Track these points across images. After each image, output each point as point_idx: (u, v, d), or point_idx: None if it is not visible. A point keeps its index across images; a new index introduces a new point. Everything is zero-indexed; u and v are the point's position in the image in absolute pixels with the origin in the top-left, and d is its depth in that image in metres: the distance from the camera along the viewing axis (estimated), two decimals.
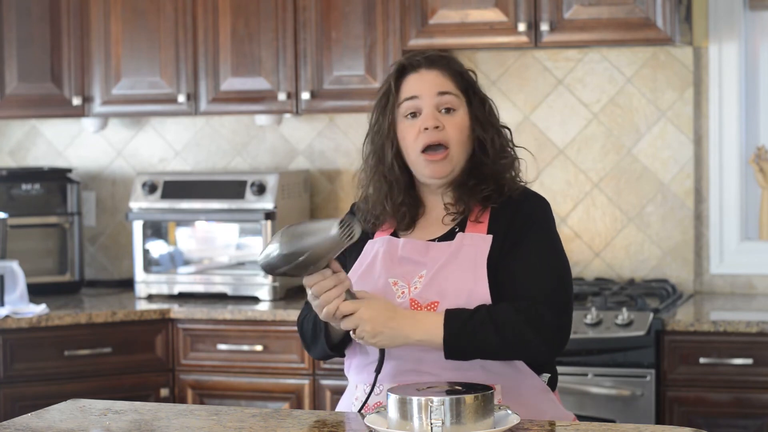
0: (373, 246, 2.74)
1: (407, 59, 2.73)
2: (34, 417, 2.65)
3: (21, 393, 4.34)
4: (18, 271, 4.53)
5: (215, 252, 4.78)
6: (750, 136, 4.63)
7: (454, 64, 2.73)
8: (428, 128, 2.65)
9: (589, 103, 4.69)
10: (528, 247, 2.63)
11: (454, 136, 2.66)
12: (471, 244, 2.64)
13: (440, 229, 2.71)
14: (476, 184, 2.68)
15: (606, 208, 4.67)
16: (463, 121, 2.68)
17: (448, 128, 2.66)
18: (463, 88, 2.71)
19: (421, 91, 2.68)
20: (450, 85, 2.69)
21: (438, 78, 2.69)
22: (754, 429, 3.96)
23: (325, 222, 2.51)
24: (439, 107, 2.67)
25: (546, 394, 2.68)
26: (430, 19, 4.44)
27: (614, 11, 4.26)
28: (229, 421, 2.57)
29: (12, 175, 4.94)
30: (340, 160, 4.96)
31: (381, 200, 2.72)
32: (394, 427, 2.36)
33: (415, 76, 2.70)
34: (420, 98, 2.68)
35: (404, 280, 2.65)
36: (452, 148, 2.66)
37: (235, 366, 4.44)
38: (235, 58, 4.67)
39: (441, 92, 2.67)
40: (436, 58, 2.71)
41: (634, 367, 4.01)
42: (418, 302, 2.62)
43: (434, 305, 2.60)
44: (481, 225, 2.67)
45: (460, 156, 2.68)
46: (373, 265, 2.70)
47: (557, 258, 2.66)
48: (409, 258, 2.67)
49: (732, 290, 4.60)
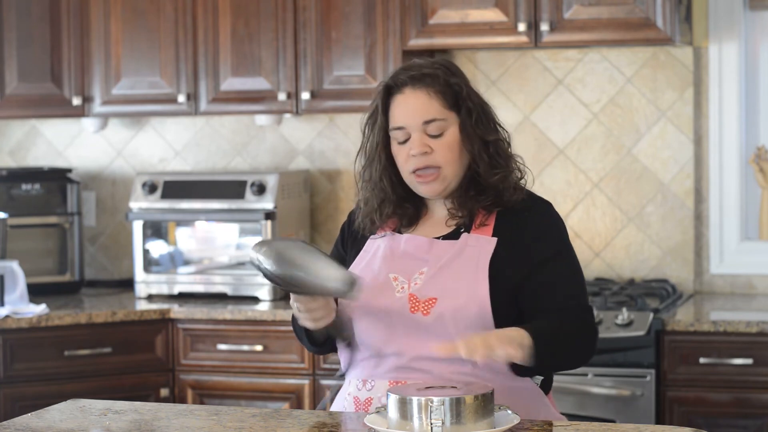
0: (374, 243, 2.75)
1: (392, 79, 2.71)
2: (34, 417, 2.65)
3: (21, 393, 4.34)
4: (18, 271, 4.53)
5: (215, 252, 4.78)
6: (750, 136, 4.63)
7: (440, 75, 2.69)
8: (415, 155, 2.66)
9: (589, 103, 4.69)
10: (552, 260, 2.65)
11: (443, 158, 2.66)
12: (475, 245, 2.65)
13: (444, 229, 2.72)
14: (477, 192, 2.69)
15: (606, 208, 4.67)
16: (452, 140, 2.67)
17: (436, 151, 2.66)
18: (452, 103, 2.68)
19: (407, 121, 2.67)
20: (436, 107, 2.67)
21: (423, 101, 2.67)
22: (754, 429, 3.96)
23: (327, 267, 2.51)
24: (426, 132, 2.67)
25: (539, 398, 2.68)
26: (430, 19, 4.44)
27: (614, 11, 4.26)
28: (229, 421, 2.57)
29: (12, 175, 4.94)
30: (340, 160, 4.96)
31: (372, 212, 2.75)
32: (394, 427, 2.36)
33: (401, 98, 2.68)
34: (407, 128, 2.67)
35: (404, 276, 2.66)
36: (443, 168, 2.67)
37: (235, 366, 4.44)
38: (235, 58, 4.67)
39: (426, 121, 2.66)
40: (420, 77, 2.68)
41: (634, 367, 4.01)
42: (416, 297, 2.63)
43: (432, 302, 2.61)
44: (487, 228, 2.68)
45: (454, 173, 2.69)
46: (373, 261, 2.71)
47: (575, 263, 2.71)
48: (412, 254, 2.68)
49: (732, 290, 4.60)
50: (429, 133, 2.67)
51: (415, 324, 2.62)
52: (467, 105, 2.69)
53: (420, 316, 2.62)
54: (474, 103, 2.70)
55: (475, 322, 2.59)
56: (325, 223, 4.98)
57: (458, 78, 2.71)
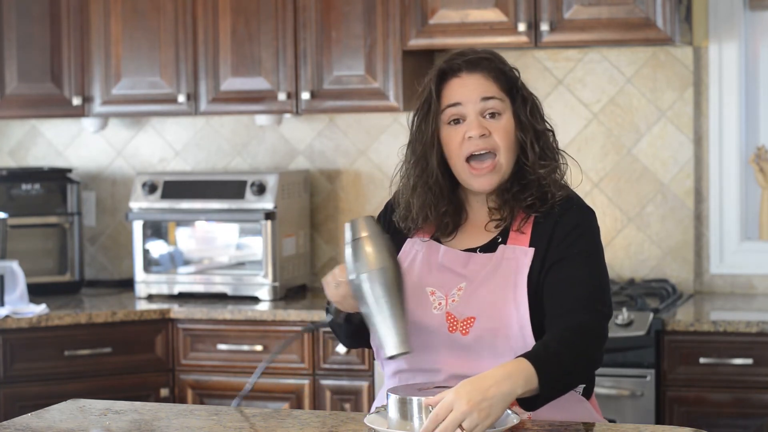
0: (412, 246, 2.67)
1: (447, 63, 2.61)
2: (34, 417, 2.65)
3: (21, 393, 4.34)
4: (18, 271, 4.53)
5: (215, 252, 4.77)
6: (750, 136, 4.63)
7: (496, 62, 2.62)
8: (473, 137, 2.56)
9: (589, 103, 4.69)
10: (572, 260, 2.55)
11: (501, 142, 2.57)
12: (512, 258, 2.57)
13: (482, 237, 2.64)
14: (520, 190, 2.60)
15: (606, 208, 4.67)
16: (509, 124, 2.59)
17: (494, 134, 2.57)
18: (507, 88, 2.61)
19: (464, 97, 2.57)
20: (494, 88, 2.59)
21: (480, 81, 2.58)
22: (754, 429, 3.96)
23: (395, 324, 2.42)
24: (483, 112, 2.58)
25: (580, 403, 2.62)
26: (430, 19, 4.44)
27: (614, 11, 4.26)
28: (229, 421, 2.57)
29: (12, 175, 4.94)
30: (340, 160, 4.96)
31: (425, 209, 2.63)
32: (394, 427, 2.35)
33: (457, 81, 2.60)
34: (463, 105, 2.57)
35: (442, 291, 2.58)
36: (500, 155, 2.57)
37: (235, 366, 4.44)
38: (235, 58, 4.67)
39: (485, 97, 2.57)
40: (477, 60, 2.60)
41: (634, 367, 4.01)
42: (454, 316, 2.56)
43: (471, 321, 2.54)
44: (524, 237, 2.59)
45: (509, 162, 2.59)
46: (411, 268, 2.62)
47: (598, 269, 2.59)
48: (449, 268, 2.60)
49: (732, 290, 4.60)
50: (487, 112, 2.57)
51: (453, 343, 2.55)
52: (522, 93, 2.62)
53: (459, 336, 2.54)
54: (527, 92, 2.64)
55: (515, 341, 2.52)
56: (325, 223, 4.98)
57: (511, 68, 2.65)
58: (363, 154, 4.93)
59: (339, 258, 4.94)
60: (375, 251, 2.44)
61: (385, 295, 2.42)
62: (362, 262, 2.43)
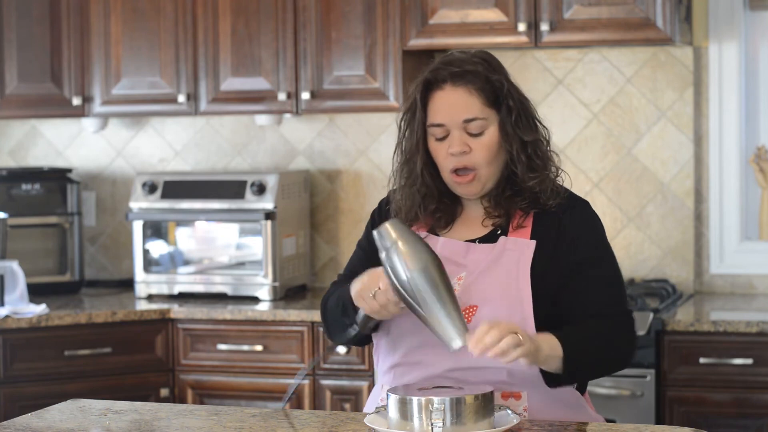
0: None
1: (432, 73, 2.64)
2: (34, 417, 2.65)
3: (21, 393, 4.34)
4: (18, 271, 4.53)
5: (215, 252, 4.77)
6: (750, 136, 4.63)
7: (483, 71, 2.64)
8: (454, 153, 2.61)
9: (589, 103, 4.69)
10: (590, 264, 2.61)
11: (480, 158, 2.61)
12: (514, 249, 2.60)
13: (481, 230, 2.67)
14: (512, 194, 2.65)
15: (606, 208, 4.67)
16: (492, 139, 2.62)
17: (475, 151, 2.61)
18: (493, 99, 2.63)
19: (446, 118, 2.61)
20: (477, 105, 2.61)
21: (464, 99, 2.61)
22: (754, 429, 3.96)
23: (454, 316, 2.44)
24: (466, 130, 2.62)
25: (575, 399, 2.64)
26: (430, 19, 4.44)
27: (614, 11, 4.26)
28: (229, 421, 2.57)
29: (12, 175, 4.94)
30: (340, 160, 4.96)
31: (414, 209, 2.68)
32: (394, 427, 2.35)
33: (441, 95, 2.63)
34: (446, 125, 2.62)
35: None
36: (480, 170, 2.62)
37: (235, 366, 4.44)
38: (235, 58, 4.67)
39: (467, 120, 2.60)
40: (462, 73, 2.62)
41: (634, 367, 4.01)
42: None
43: (473, 309, 2.56)
44: (524, 230, 2.63)
45: (490, 174, 2.63)
46: None
47: (614, 266, 2.66)
48: (448, 258, 2.60)
49: (732, 290, 4.60)
50: (469, 132, 2.62)
51: None
52: (508, 103, 2.63)
53: None
54: (514, 100, 2.64)
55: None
56: (325, 223, 4.98)
57: (499, 74, 2.65)
58: (363, 154, 4.93)
59: (339, 258, 4.94)
60: (413, 251, 2.46)
61: (434, 290, 2.43)
62: (405, 265, 2.44)
